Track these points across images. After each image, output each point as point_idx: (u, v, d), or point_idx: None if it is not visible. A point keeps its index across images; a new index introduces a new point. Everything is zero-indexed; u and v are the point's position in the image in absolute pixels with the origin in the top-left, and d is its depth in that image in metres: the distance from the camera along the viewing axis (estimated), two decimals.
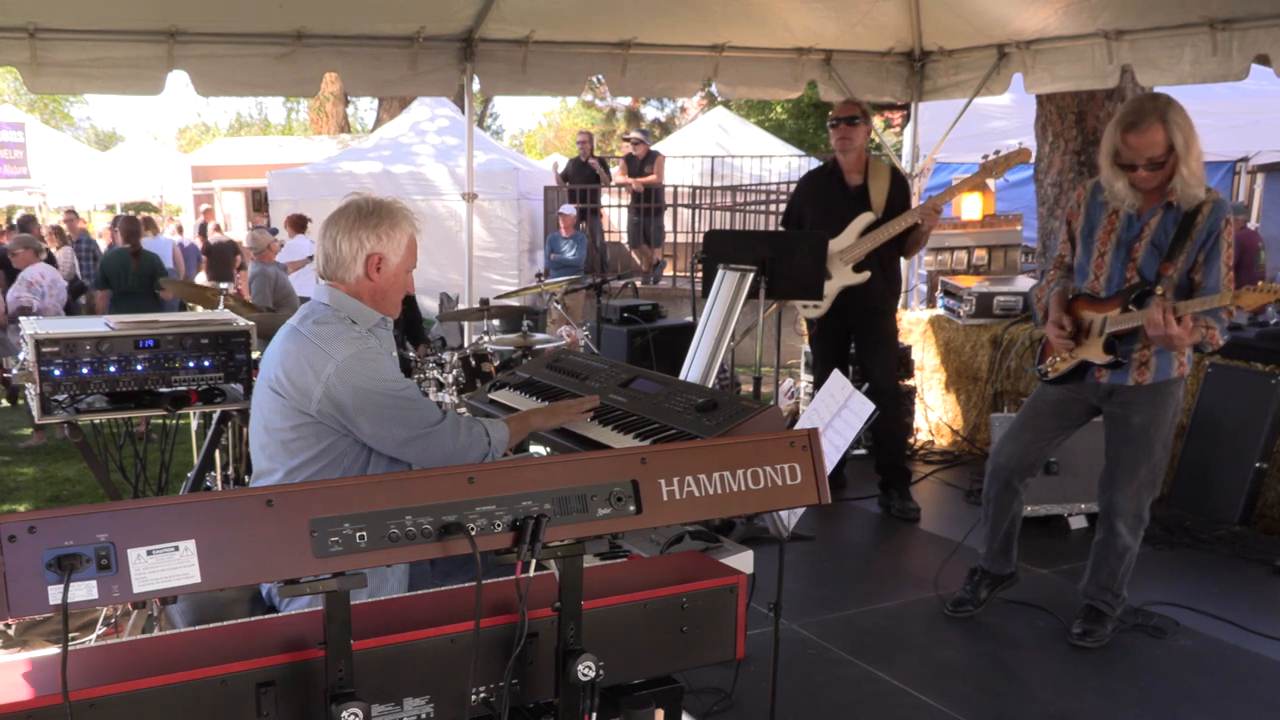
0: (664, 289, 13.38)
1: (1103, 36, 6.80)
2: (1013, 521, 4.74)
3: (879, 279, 6.03)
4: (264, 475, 3.12)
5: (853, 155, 6.02)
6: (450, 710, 1.93)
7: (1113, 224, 4.31)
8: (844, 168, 6.07)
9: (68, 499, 7.25)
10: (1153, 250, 4.22)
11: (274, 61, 6.79)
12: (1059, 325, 4.36)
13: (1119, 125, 4.13)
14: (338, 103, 27.17)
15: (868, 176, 6.03)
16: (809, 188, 6.38)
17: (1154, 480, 4.42)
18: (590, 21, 7.32)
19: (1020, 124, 10.21)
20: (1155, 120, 4.04)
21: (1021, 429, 4.65)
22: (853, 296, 6.01)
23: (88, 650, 1.92)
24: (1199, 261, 4.14)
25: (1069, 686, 4.20)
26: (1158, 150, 4.06)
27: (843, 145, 6.00)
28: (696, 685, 3.86)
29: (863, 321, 6.17)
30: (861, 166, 6.04)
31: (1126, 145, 4.11)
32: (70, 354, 3.97)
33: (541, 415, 3.35)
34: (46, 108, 35.80)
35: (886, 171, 6.10)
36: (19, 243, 10.39)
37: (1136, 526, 4.44)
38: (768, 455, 2.13)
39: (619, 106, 32.87)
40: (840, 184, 6.08)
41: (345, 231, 3.05)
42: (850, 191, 6.03)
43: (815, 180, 6.37)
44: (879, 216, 5.96)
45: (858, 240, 5.94)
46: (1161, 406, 4.33)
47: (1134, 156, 4.10)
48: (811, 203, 6.22)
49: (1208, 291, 4.13)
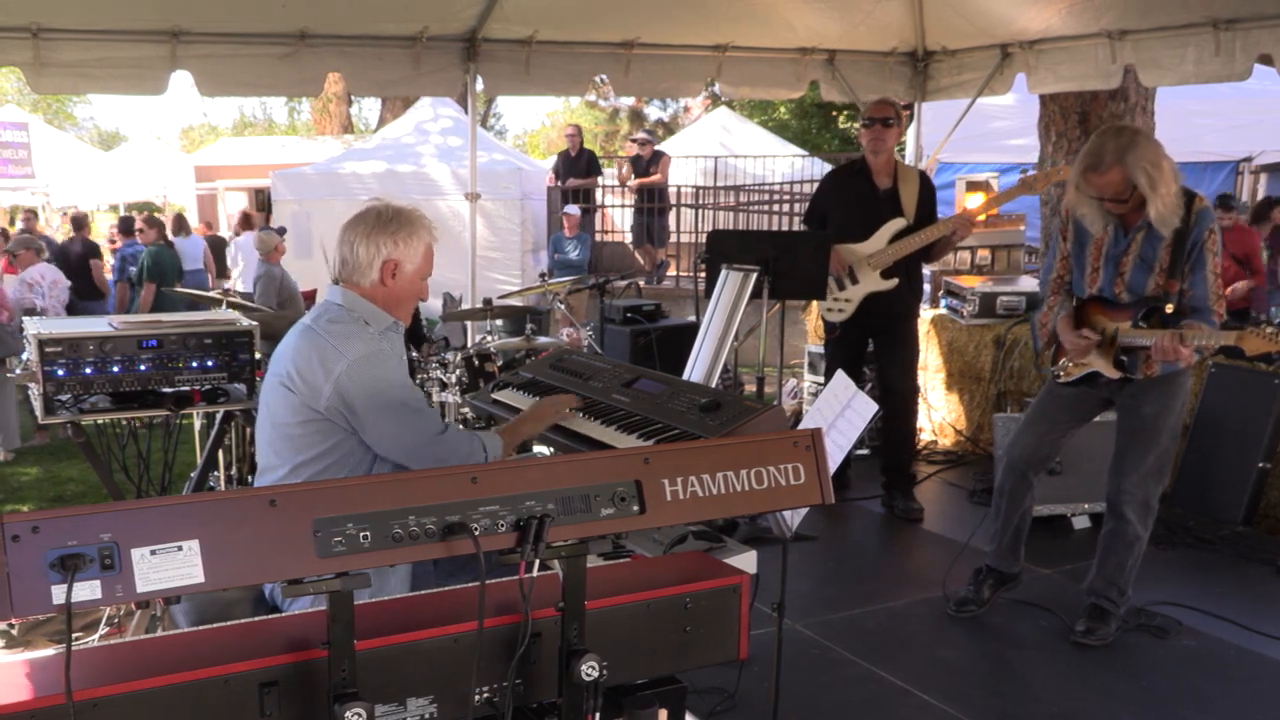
0: (667, 289, 13.36)
1: (1106, 36, 6.79)
2: (1023, 517, 4.75)
3: (903, 284, 5.94)
4: (269, 471, 3.14)
5: (884, 157, 5.91)
6: (454, 710, 1.93)
7: (1102, 239, 4.38)
8: (873, 169, 5.94)
9: (71, 499, 7.25)
10: (1140, 264, 4.31)
11: (277, 61, 6.79)
12: (1084, 336, 4.38)
13: (1080, 164, 4.24)
14: (341, 103, 27.16)
15: (897, 180, 5.92)
16: (836, 186, 6.24)
17: (1161, 469, 4.47)
18: (593, 21, 7.32)
19: (1023, 124, 10.21)
20: (1113, 163, 4.13)
21: (1036, 421, 4.67)
22: (876, 302, 5.92)
23: (91, 650, 1.92)
24: (1185, 273, 4.22)
25: (1072, 687, 4.20)
26: (1116, 190, 4.18)
27: (875, 146, 5.88)
28: (699, 685, 3.85)
29: (884, 326, 6.09)
30: (891, 169, 5.94)
31: (1089, 184, 4.22)
32: (74, 354, 3.97)
33: (528, 423, 3.36)
34: (50, 108, 35.81)
35: (916, 176, 6.01)
36: (21, 243, 10.40)
37: (1145, 515, 4.46)
38: (771, 455, 2.13)
39: (622, 106, 32.85)
40: (870, 186, 5.94)
41: (363, 237, 3.08)
42: (880, 194, 5.92)
43: (842, 179, 6.22)
44: (910, 223, 5.86)
45: (888, 246, 5.83)
46: (1171, 396, 4.41)
47: (1098, 192, 4.22)
48: (838, 202, 6.08)
49: (1196, 301, 4.23)
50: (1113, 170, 4.12)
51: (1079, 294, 4.50)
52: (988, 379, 7.32)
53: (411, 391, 3.07)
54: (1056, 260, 4.57)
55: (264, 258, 9.68)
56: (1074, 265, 4.50)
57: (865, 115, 6.01)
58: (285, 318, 6.76)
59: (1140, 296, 4.31)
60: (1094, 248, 4.40)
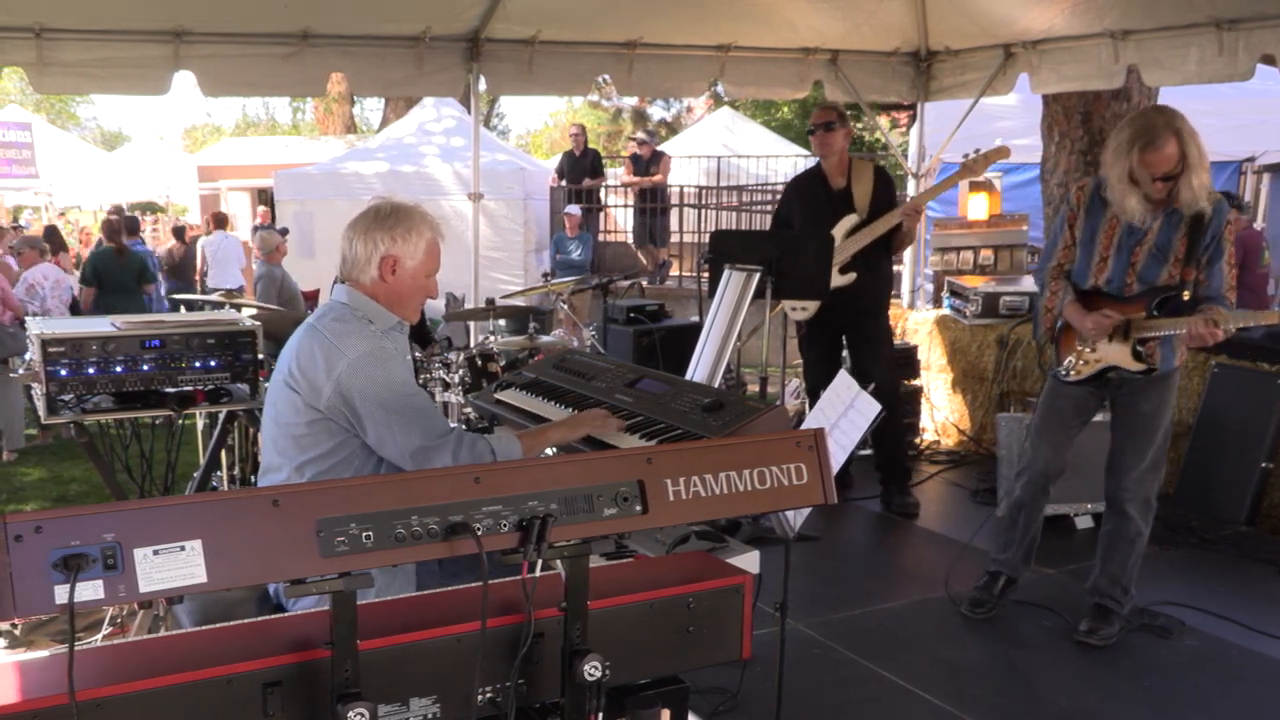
0: (670, 289, 13.36)
1: (1109, 36, 6.78)
2: (1039, 526, 4.76)
3: (866, 279, 6.06)
4: (272, 470, 3.13)
5: (834, 159, 6.09)
6: (456, 710, 1.93)
7: (1114, 227, 4.33)
8: (827, 171, 6.14)
9: (74, 499, 7.26)
10: (1155, 254, 4.25)
11: (280, 61, 6.79)
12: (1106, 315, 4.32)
13: (1134, 145, 4.12)
14: (344, 103, 27.17)
15: (850, 178, 6.08)
16: (795, 191, 6.43)
17: (1158, 465, 4.48)
18: (596, 21, 7.32)
19: (1026, 124, 10.18)
20: (1170, 135, 4.06)
21: (1049, 428, 4.64)
22: (841, 298, 5.99)
23: (94, 650, 1.92)
24: (1202, 263, 4.19)
25: (1074, 686, 4.19)
26: (1173, 164, 4.09)
27: (823, 150, 6.09)
28: (702, 685, 3.86)
29: (852, 322, 6.21)
30: (844, 169, 6.11)
31: (1144, 164, 4.11)
32: (76, 354, 3.97)
33: (561, 430, 3.24)
34: (53, 108, 35.84)
35: (870, 172, 6.15)
36: (24, 243, 10.41)
37: (1146, 511, 4.47)
38: (773, 455, 2.12)
39: (625, 106, 32.83)
40: (824, 187, 6.14)
41: (362, 234, 3.08)
42: (834, 193, 6.08)
43: (800, 184, 6.43)
44: (863, 218, 6.00)
45: (842, 242, 5.96)
46: (1167, 392, 4.42)
47: (1150, 174, 4.11)
48: (798, 206, 6.26)
49: (1211, 290, 4.19)
50: (1170, 142, 4.05)
51: (1080, 285, 4.46)
52: (990, 379, 7.31)
53: (414, 391, 3.03)
54: (1059, 249, 4.52)
55: (264, 258, 9.68)
56: (1080, 254, 4.44)
57: (810, 123, 6.20)
58: (287, 318, 6.77)
59: (1150, 286, 4.29)
60: (1104, 236, 4.35)
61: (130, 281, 10.45)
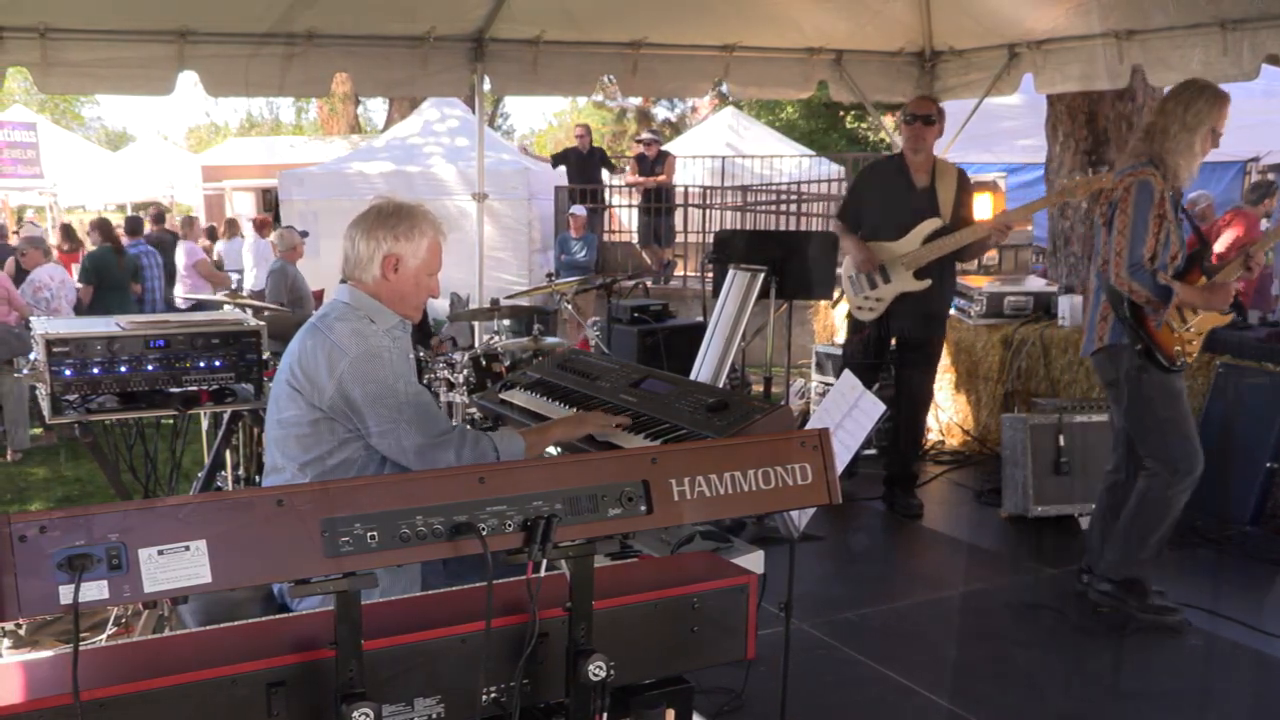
0: (674, 289, 13.34)
1: (1113, 36, 6.78)
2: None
3: (935, 286, 5.87)
4: (276, 471, 3.13)
5: (923, 155, 5.87)
6: (461, 710, 1.93)
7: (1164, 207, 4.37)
8: (911, 166, 5.88)
9: (78, 499, 7.26)
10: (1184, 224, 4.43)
11: (284, 62, 6.80)
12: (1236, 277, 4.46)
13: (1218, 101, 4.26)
14: (348, 103, 27.21)
15: (935, 178, 5.86)
16: (874, 179, 6.18)
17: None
18: (601, 22, 7.32)
19: (1031, 124, 10.18)
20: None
21: (1188, 423, 4.56)
22: (906, 302, 5.85)
23: (98, 650, 1.93)
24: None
25: (1079, 686, 4.19)
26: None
27: (915, 144, 5.84)
28: (707, 685, 3.85)
29: (911, 328, 6.00)
30: (929, 167, 5.88)
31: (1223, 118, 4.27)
32: (81, 354, 3.97)
33: (563, 428, 3.25)
34: (57, 108, 35.83)
35: (954, 175, 5.93)
36: (29, 243, 10.41)
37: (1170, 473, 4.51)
38: (778, 455, 2.12)
39: (629, 106, 32.83)
40: (907, 183, 5.88)
41: (364, 232, 3.07)
42: (917, 192, 5.85)
43: (881, 174, 6.16)
44: (946, 223, 5.79)
45: (922, 246, 5.76)
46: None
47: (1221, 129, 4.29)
48: (874, 198, 6.02)
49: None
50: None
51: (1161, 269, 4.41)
52: (996, 379, 7.30)
53: (416, 390, 3.02)
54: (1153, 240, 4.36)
55: (281, 254, 9.72)
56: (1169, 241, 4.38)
57: (906, 112, 5.95)
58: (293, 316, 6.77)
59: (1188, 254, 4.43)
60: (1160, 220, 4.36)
61: (127, 281, 10.53)
